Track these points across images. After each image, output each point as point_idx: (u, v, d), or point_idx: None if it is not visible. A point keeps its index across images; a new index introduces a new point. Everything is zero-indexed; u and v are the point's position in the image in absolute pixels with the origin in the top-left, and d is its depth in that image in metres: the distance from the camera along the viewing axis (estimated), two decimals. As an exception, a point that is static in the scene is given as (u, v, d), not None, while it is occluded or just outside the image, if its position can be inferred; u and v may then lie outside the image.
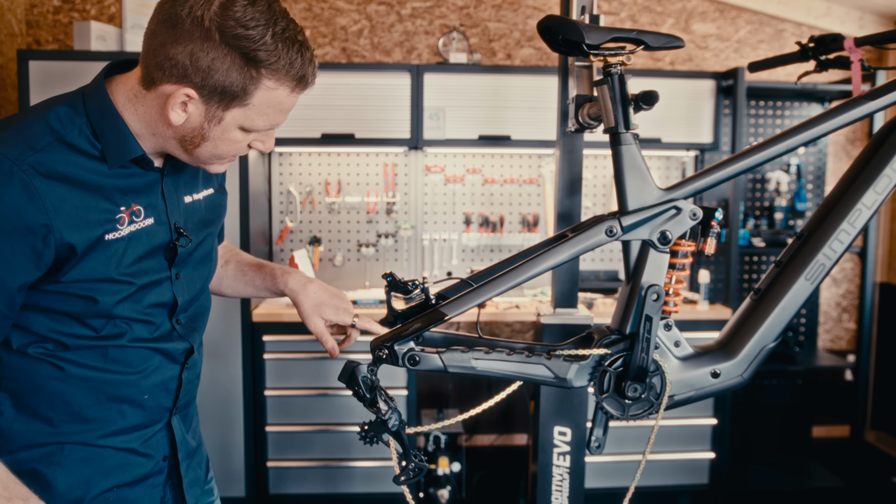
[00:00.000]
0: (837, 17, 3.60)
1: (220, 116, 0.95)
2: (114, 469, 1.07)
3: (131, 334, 1.03)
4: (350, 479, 2.89)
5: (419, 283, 1.21)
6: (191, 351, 1.14)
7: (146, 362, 1.06)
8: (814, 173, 3.55)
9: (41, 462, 1.02)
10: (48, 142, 0.92)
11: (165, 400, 1.11)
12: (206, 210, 1.16)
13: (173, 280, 1.07)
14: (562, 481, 1.72)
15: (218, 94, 0.92)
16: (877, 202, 1.23)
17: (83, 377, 1.01)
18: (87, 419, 1.03)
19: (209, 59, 0.90)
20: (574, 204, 1.76)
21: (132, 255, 1.00)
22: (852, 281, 3.78)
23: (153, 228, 1.03)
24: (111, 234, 0.97)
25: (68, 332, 0.99)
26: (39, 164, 0.90)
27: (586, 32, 1.20)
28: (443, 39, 3.27)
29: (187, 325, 1.13)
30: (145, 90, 0.96)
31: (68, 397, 1.01)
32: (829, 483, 3.24)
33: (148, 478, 1.11)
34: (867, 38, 1.43)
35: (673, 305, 1.23)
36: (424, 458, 1.61)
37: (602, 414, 1.24)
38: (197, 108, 0.94)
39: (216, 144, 0.99)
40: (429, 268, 3.38)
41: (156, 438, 1.12)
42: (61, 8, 3.32)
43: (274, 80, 0.93)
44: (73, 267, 0.94)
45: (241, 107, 0.95)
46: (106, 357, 1.02)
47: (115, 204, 0.98)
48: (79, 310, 0.97)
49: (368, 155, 3.30)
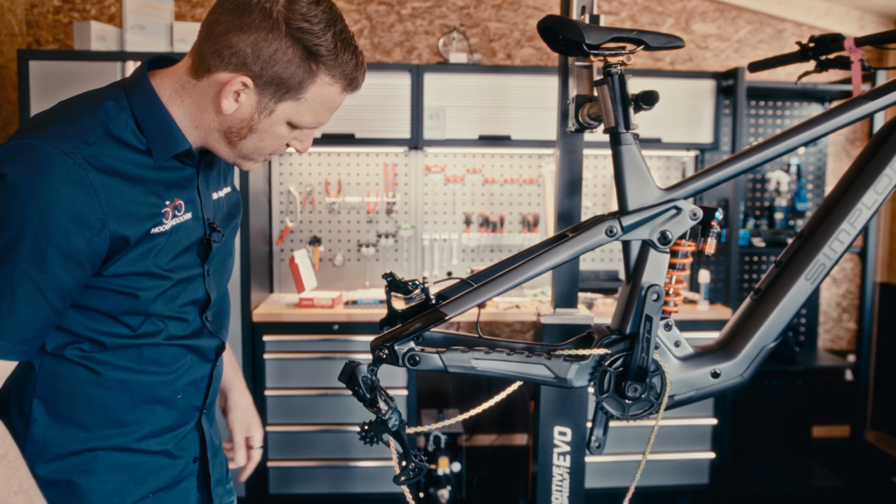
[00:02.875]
0: (837, 17, 3.60)
1: (271, 108, 0.97)
2: (148, 474, 1.06)
3: (166, 332, 1.03)
4: (351, 479, 2.89)
5: (419, 283, 1.21)
6: (222, 348, 1.15)
7: (179, 361, 1.07)
8: (814, 173, 3.55)
9: (75, 471, 1.01)
10: (99, 136, 0.92)
11: (196, 399, 1.12)
12: (227, 206, 1.18)
13: (206, 276, 1.08)
14: (562, 481, 1.72)
15: (274, 86, 0.94)
16: (877, 202, 1.23)
17: (119, 379, 1.01)
18: (122, 423, 1.03)
19: (272, 50, 0.92)
20: (574, 204, 1.76)
21: (172, 249, 1.00)
22: (852, 281, 3.78)
23: (191, 224, 1.04)
24: (157, 228, 0.97)
25: (107, 332, 0.98)
26: (93, 157, 0.90)
27: (586, 32, 1.20)
28: (443, 39, 3.27)
29: (215, 322, 1.14)
30: (195, 80, 0.97)
31: (104, 401, 1.01)
32: (829, 483, 3.24)
33: (181, 481, 1.11)
34: (867, 38, 1.43)
35: (673, 305, 1.23)
36: (424, 458, 1.61)
37: (602, 414, 1.24)
38: (250, 98, 0.95)
39: (262, 137, 1.00)
40: (429, 268, 3.38)
41: (187, 439, 1.12)
42: (61, 8, 3.32)
43: (329, 77, 0.96)
44: (119, 260, 0.94)
45: (294, 100, 0.96)
46: (141, 357, 1.02)
47: (161, 198, 0.98)
48: (119, 306, 0.97)
49: (368, 155, 3.30)
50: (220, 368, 1.18)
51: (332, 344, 2.84)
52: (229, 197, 1.19)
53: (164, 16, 2.93)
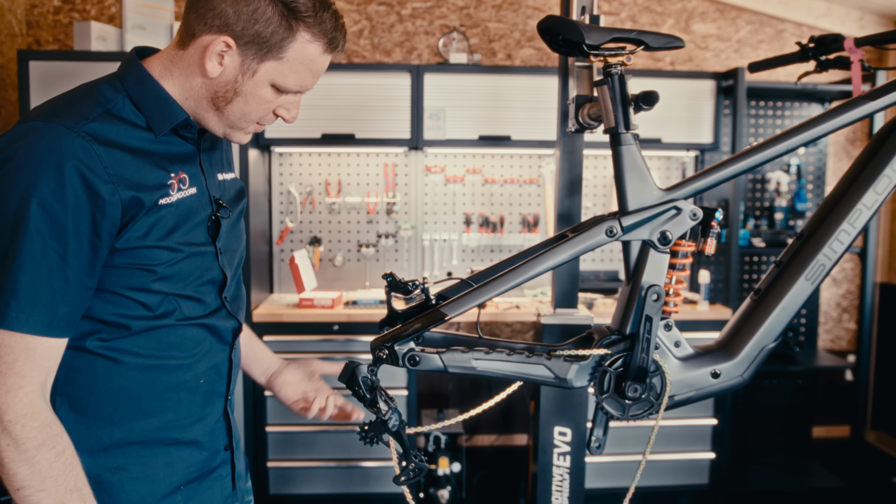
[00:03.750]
0: (837, 18, 3.60)
1: (254, 69, 0.99)
2: (178, 465, 1.07)
3: (184, 312, 1.04)
4: (351, 479, 2.89)
5: (419, 284, 1.21)
6: (238, 330, 1.15)
7: (198, 345, 1.08)
8: (814, 173, 3.55)
9: (105, 468, 1.01)
10: (99, 113, 0.96)
11: (219, 384, 1.13)
12: (233, 190, 1.20)
13: (219, 255, 1.09)
14: (562, 481, 1.72)
15: (256, 45, 0.97)
16: (877, 202, 1.23)
17: (141, 367, 1.02)
18: (147, 412, 1.03)
19: (251, 9, 0.96)
20: (574, 204, 1.76)
21: (181, 222, 1.02)
22: (852, 281, 3.78)
23: (196, 199, 1.05)
24: (164, 200, 0.99)
25: (127, 314, 0.99)
26: (95, 132, 0.93)
27: (586, 33, 1.20)
28: (443, 40, 3.27)
29: (233, 303, 1.14)
30: (182, 50, 1.01)
31: (127, 391, 1.02)
32: (830, 483, 3.24)
33: (214, 470, 1.13)
34: (867, 39, 1.43)
35: (673, 306, 1.23)
36: (424, 459, 1.61)
37: (602, 414, 1.24)
38: (233, 59, 0.98)
39: (247, 101, 1.02)
40: (429, 268, 3.38)
41: (216, 429, 1.13)
42: (61, 8, 3.32)
43: (309, 34, 0.99)
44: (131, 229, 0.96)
45: (276, 60, 0.99)
46: (161, 342, 1.03)
47: (166, 170, 1.01)
48: (136, 283, 0.98)
49: (368, 155, 3.30)
50: (239, 353, 1.19)
51: (333, 344, 2.84)
52: (234, 182, 1.21)
53: (164, 16, 2.93)
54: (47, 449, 0.90)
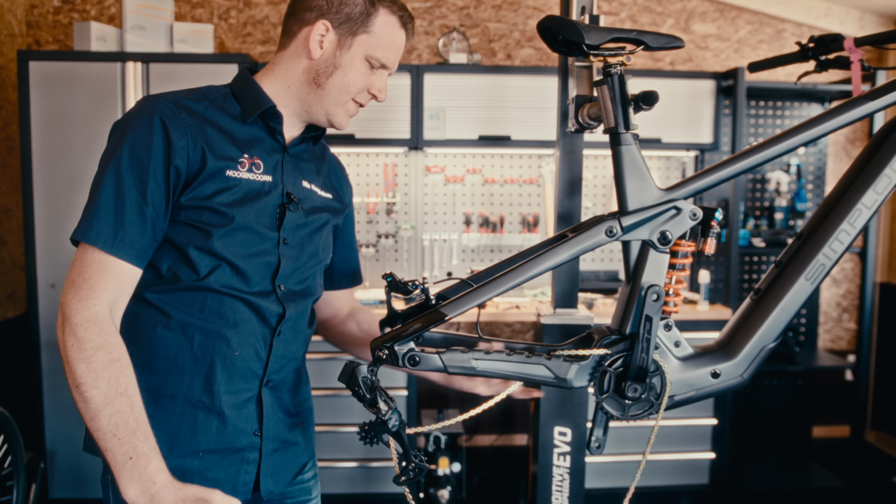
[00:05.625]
0: (837, 17, 3.60)
1: (349, 43, 1.17)
2: (200, 430, 1.12)
3: (229, 281, 1.12)
4: (351, 479, 2.89)
5: (419, 284, 1.21)
6: (283, 316, 1.17)
7: (239, 317, 1.14)
8: (814, 173, 3.55)
9: None
10: (196, 97, 1.15)
11: (256, 365, 1.16)
12: (320, 203, 1.27)
13: (280, 243, 1.17)
14: (562, 481, 1.72)
15: (347, 24, 1.16)
16: (877, 202, 1.22)
17: (184, 323, 1.11)
18: (182, 368, 1.12)
19: None
20: (574, 204, 1.75)
21: (243, 197, 1.13)
22: (852, 281, 3.78)
23: (268, 185, 1.16)
24: (231, 172, 1.12)
25: (180, 270, 1.11)
26: (185, 104, 1.12)
27: (586, 33, 1.20)
28: (443, 40, 3.27)
29: (288, 294, 1.19)
30: (283, 51, 1.20)
31: (167, 342, 1.11)
32: (830, 483, 3.25)
33: (238, 451, 1.15)
34: (867, 39, 1.43)
35: (673, 305, 1.23)
36: (425, 459, 1.61)
37: (602, 414, 1.24)
38: (330, 39, 1.17)
39: (345, 72, 1.18)
40: (429, 268, 3.38)
41: (247, 408, 1.15)
42: (61, 8, 3.32)
43: (387, 10, 1.18)
44: (194, 188, 1.09)
45: (366, 33, 1.17)
46: (205, 305, 1.12)
47: (241, 150, 1.15)
48: (193, 241, 1.10)
49: (368, 155, 3.30)
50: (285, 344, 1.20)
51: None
52: (326, 200, 1.29)
53: (164, 16, 2.93)
54: (104, 353, 1.00)
